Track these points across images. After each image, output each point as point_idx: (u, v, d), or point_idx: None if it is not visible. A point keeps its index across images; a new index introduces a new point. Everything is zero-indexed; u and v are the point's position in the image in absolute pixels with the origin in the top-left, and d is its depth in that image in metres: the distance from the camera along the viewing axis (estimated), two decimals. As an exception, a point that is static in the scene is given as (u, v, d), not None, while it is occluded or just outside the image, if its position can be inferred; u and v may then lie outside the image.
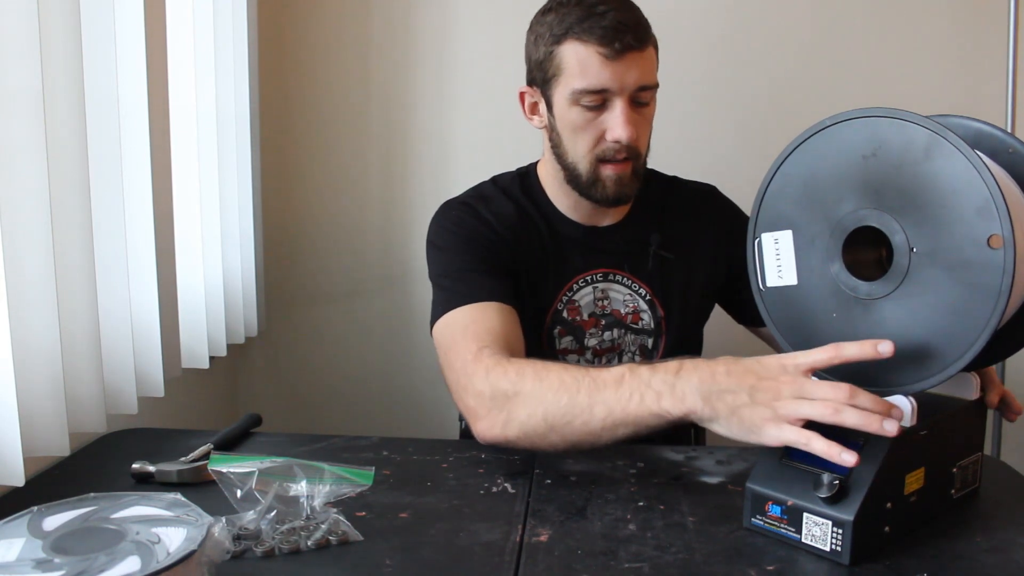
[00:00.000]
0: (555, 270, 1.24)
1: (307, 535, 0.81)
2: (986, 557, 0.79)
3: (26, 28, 0.88)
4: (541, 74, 1.18)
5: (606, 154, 1.15)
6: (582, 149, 1.16)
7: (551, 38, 1.14)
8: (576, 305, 1.24)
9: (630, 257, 1.26)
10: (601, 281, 1.25)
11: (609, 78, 1.10)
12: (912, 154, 0.77)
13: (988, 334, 0.74)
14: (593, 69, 1.11)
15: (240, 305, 1.60)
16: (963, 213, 0.75)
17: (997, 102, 1.67)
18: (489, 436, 0.98)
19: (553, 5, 1.16)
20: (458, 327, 1.09)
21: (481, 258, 1.18)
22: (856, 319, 0.82)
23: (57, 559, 0.65)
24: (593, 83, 1.11)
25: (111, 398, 1.13)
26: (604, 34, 1.09)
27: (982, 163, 0.73)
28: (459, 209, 1.24)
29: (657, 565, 0.78)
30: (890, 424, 0.75)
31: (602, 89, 1.11)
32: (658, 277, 1.26)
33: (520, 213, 1.24)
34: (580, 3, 1.12)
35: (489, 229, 1.21)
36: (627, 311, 1.26)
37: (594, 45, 1.10)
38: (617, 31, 1.09)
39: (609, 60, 1.10)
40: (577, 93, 1.12)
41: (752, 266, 0.90)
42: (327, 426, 1.91)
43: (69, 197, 1.01)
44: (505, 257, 1.20)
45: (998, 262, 0.73)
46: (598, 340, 1.25)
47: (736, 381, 0.83)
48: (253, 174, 1.65)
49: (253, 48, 1.65)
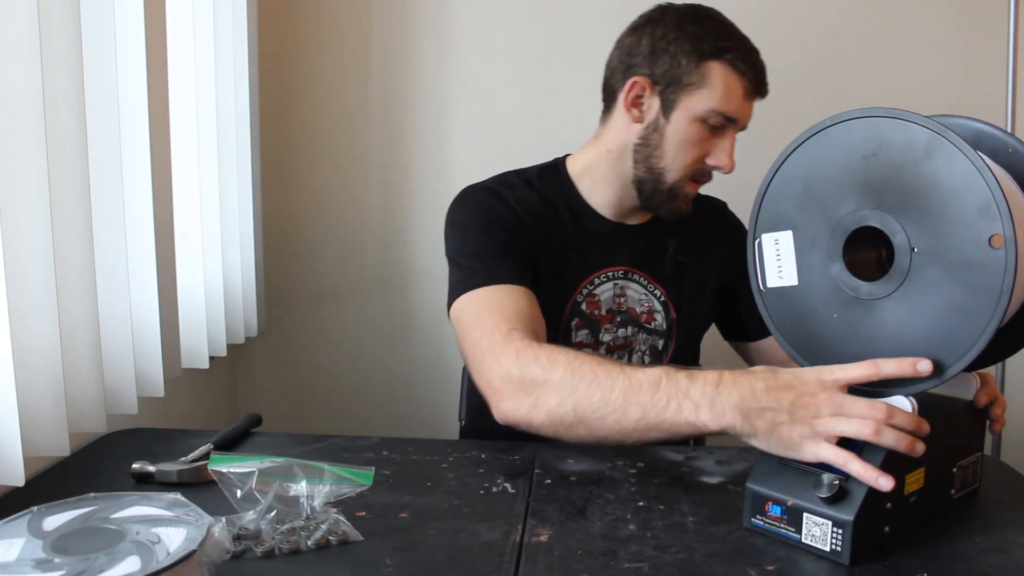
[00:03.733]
0: (577, 262, 1.24)
1: (307, 535, 0.81)
2: (986, 557, 0.79)
3: (26, 28, 0.88)
4: (671, 78, 1.16)
5: (700, 174, 1.20)
6: (682, 163, 1.18)
7: (705, 50, 1.14)
8: (596, 299, 1.25)
9: (649, 258, 1.27)
10: (621, 278, 1.26)
11: (740, 112, 1.16)
12: (913, 154, 0.77)
13: (989, 334, 0.74)
14: (737, 98, 1.15)
15: (240, 305, 1.60)
16: (964, 213, 0.75)
17: (997, 102, 1.67)
18: (512, 417, 0.96)
19: (694, 17, 1.17)
20: (484, 305, 1.07)
21: (503, 241, 1.16)
22: (857, 319, 0.82)
23: (57, 559, 0.65)
24: (732, 110, 1.15)
25: (111, 398, 1.12)
26: (756, 76, 1.16)
27: (983, 163, 0.73)
28: (483, 193, 1.22)
29: (657, 565, 0.78)
30: (920, 446, 0.78)
31: (732, 119, 1.16)
32: (673, 280, 1.28)
33: (544, 203, 1.23)
34: (729, 30, 1.17)
35: (513, 214, 1.19)
36: (642, 310, 1.27)
37: (747, 78, 1.15)
38: (761, 76, 1.17)
39: (748, 98, 1.17)
40: (713, 112, 1.15)
41: (752, 266, 0.90)
42: (327, 426, 1.91)
43: (69, 197, 1.01)
44: (527, 244, 1.18)
45: (999, 262, 0.73)
46: (612, 336, 1.26)
47: (775, 398, 0.83)
48: (253, 174, 1.65)
49: (253, 48, 1.65)
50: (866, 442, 0.78)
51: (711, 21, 1.17)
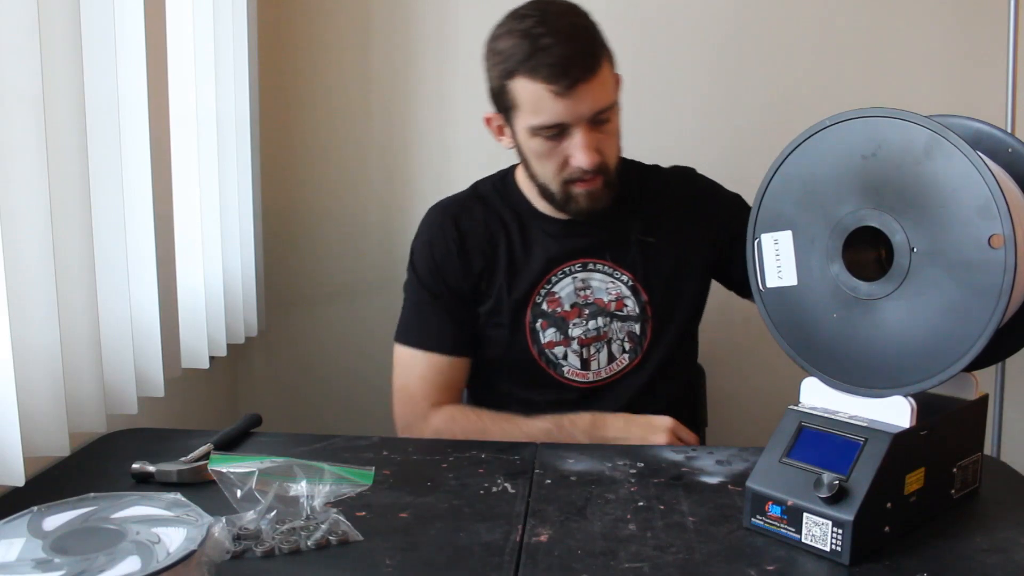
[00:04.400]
0: (528, 266, 1.26)
1: (307, 535, 0.81)
2: (986, 557, 0.79)
3: (26, 29, 0.88)
4: (500, 103, 1.19)
5: (573, 176, 1.18)
6: (549, 174, 1.19)
7: (502, 72, 1.14)
8: (556, 296, 1.26)
9: (612, 245, 1.27)
10: (580, 271, 1.26)
11: (563, 112, 1.11)
12: (912, 154, 0.77)
13: (989, 334, 0.74)
14: (546, 106, 1.12)
15: (240, 305, 1.60)
16: (964, 213, 0.75)
17: (997, 102, 1.67)
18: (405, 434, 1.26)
19: (501, 33, 1.16)
20: (414, 371, 1.27)
21: (439, 296, 1.28)
22: (856, 319, 0.82)
23: (57, 559, 0.65)
24: (548, 119, 1.13)
25: (111, 398, 1.13)
26: (551, 72, 1.09)
27: (982, 163, 0.73)
28: (438, 226, 1.30)
29: (657, 565, 0.78)
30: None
31: (557, 124, 1.13)
32: (641, 263, 1.27)
33: (492, 219, 1.29)
34: (526, 36, 1.11)
35: (458, 249, 1.28)
36: (610, 299, 1.27)
37: (542, 83, 1.10)
38: (564, 66, 1.09)
39: (560, 96, 1.10)
40: (534, 128, 1.14)
41: (752, 267, 0.89)
42: (327, 426, 1.90)
43: (69, 198, 1.01)
44: (468, 282, 1.28)
45: (999, 262, 0.73)
46: (583, 330, 1.26)
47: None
48: (253, 174, 1.65)
49: (253, 48, 1.65)
50: (863, 446, 0.78)
51: (508, 32, 1.14)
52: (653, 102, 1.77)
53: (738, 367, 1.80)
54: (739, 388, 1.81)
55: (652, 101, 1.77)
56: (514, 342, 1.26)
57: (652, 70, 1.77)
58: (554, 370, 1.27)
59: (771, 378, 1.63)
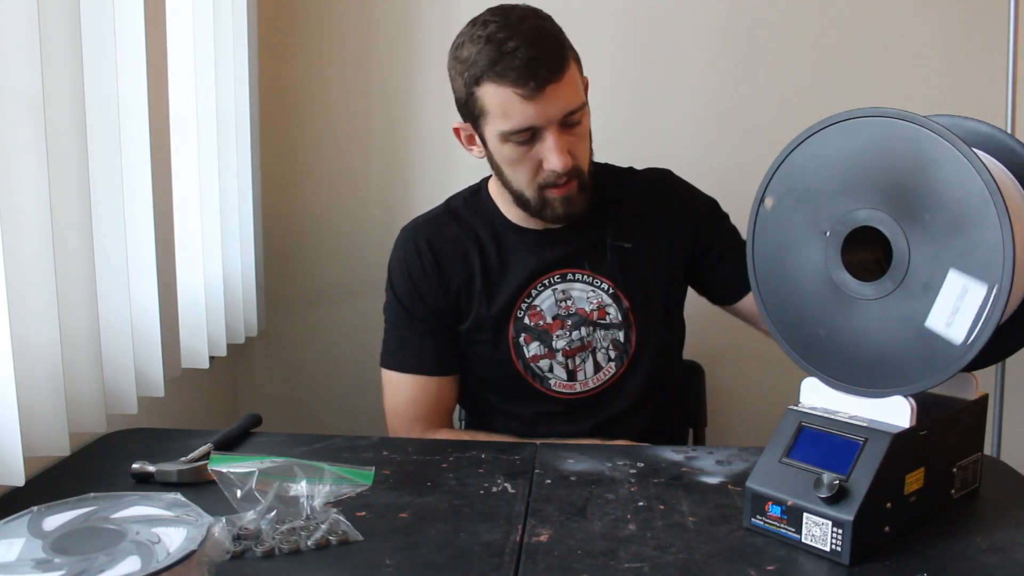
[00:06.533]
0: (507, 281, 1.25)
1: (307, 535, 0.81)
2: (986, 557, 0.79)
3: (26, 29, 0.88)
4: (468, 112, 1.18)
5: (547, 181, 1.16)
6: (523, 180, 1.18)
7: (469, 79, 1.13)
8: (538, 309, 1.25)
9: (589, 253, 1.26)
10: (560, 282, 1.25)
11: (532, 115, 1.11)
12: (912, 154, 0.77)
13: (988, 334, 0.74)
14: (515, 110, 1.11)
15: (240, 305, 1.60)
16: (962, 213, 0.75)
17: (997, 102, 1.67)
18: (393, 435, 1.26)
19: (464, 40, 1.15)
20: (401, 393, 1.27)
21: (420, 317, 1.27)
22: (856, 319, 0.82)
23: (57, 559, 0.65)
24: (517, 124, 1.11)
25: (111, 398, 1.12)
26: (518, 76, 1.08)
27: (981, 163, 0.73)
28: (412, 246, 1.28)
29: (657, 565, 0.78)
30: None
31: (528, 127, 1.12)
32: (619, 269, 1.26)
33: (466, 234, 1.27)
34: (490, 40, 1.11)
35: (434, 269, 1.26)
36: (592, 308, 1.26)
37: (510, 87, 1.09)
38: (530, 69, 1.08)
39: (528, 99, 1.09)
40: (504, 134, 1.13)
41: (751, 266, 0.90)
42: (327, 426, 1.90)
43: (69, 197, 1.01)
44: (447, 301, 1.26)
45: (997, 260, 0.73)
46: (566, 341, 1.25)
47: None
48: (253, 174, 1.65)
49: (253, 48, 1.65)
50: (863, 446, 0.78)
51: (471, 39, 1.14)
52: (653, 103, 1.77)
53: (738, 367, 1.80)
54: (739, 388, 1.81)
55: (652, 102, 1.77)
56: (498, 357, 1.25)
57: (652, 71, 1.77)
58: (540, 383, 1.26)
59: (771, 378, 1.63)
